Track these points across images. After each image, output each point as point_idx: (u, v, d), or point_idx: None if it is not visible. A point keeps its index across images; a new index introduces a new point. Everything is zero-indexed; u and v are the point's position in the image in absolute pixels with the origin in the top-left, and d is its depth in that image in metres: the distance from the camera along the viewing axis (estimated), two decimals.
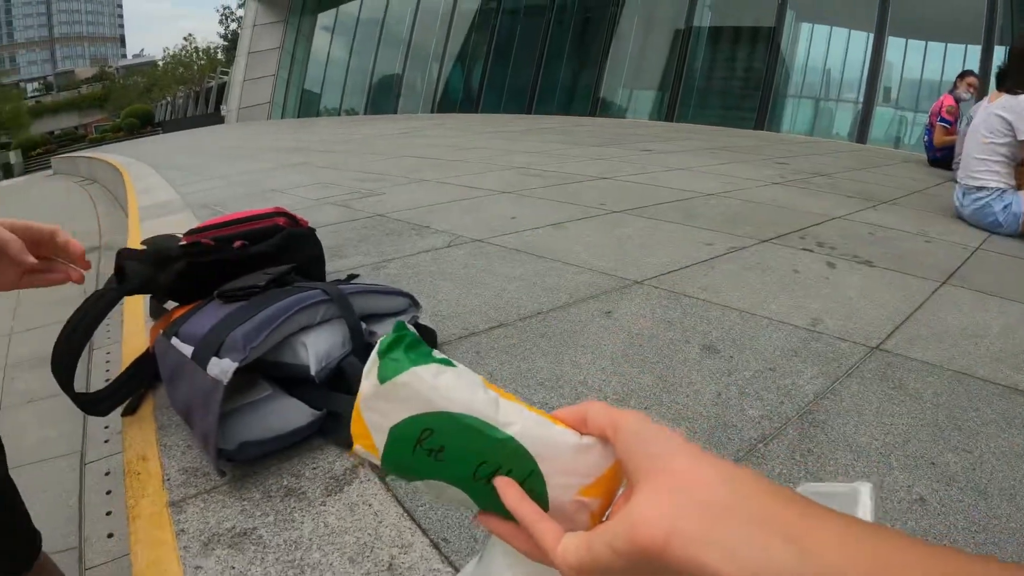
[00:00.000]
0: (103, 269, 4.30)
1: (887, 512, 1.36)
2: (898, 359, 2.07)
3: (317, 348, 1.62)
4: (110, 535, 2.79)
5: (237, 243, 2.12)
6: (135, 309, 2.67)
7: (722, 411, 1.74)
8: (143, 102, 66.79)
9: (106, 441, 3.58)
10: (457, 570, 1.18)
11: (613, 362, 2.00)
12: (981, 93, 6.76)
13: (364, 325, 1.77)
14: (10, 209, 14.95)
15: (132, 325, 2.55)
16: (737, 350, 2.09)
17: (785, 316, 2.35)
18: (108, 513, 2.95)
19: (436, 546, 1.24)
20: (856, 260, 3.02)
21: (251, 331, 1.52)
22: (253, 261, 2.02)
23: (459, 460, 0.56)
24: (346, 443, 1.53)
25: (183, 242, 2.08)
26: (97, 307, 1.72)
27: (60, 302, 2.70)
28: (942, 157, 6.58)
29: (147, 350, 1.87)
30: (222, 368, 1.43)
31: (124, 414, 1.80)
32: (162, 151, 12.56)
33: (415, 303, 2.01)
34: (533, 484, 0.55)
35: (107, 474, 3.25)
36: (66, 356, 1.64)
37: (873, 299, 2.55)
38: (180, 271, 1.90)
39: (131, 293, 1.90)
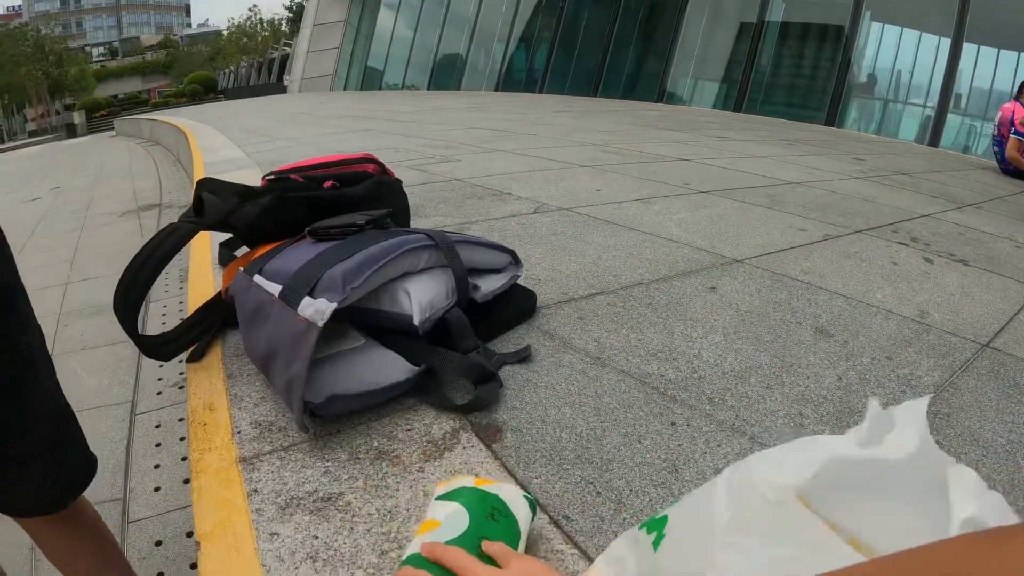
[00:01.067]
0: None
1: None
2: (1009, 358, 1.94)
3: (421, 297, 1.48)
4: (156, 489, 2.74)
5: (327, 183, 2.02)
6: (202, 258, 2.59)
7: (845, 396, 1.62)
8: (206, 70, 67.47)
9: (159, 393, 3.56)
10: (582, 550, 1.04)
11: (726, 338, 1.87)
12: None
13: (468, 279, 1.65)
14: (75, 167, 15.19)
15: (199, 271, 2.46)
16: (851, 335, 1.96)
17: (892, 306, 2.23)
18: (156, 467, 2.91)
19: (557, 524, 1.10)
20: (952, 258, 2.89)
21: (352, 270, 1.38)
22: (345, 203, 1.90)
23: None
24: (445, 404, 1.41)
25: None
26: (170, 240, 1.59)
27: (119, 254, 2.65)
28: (1014, 170, 6.36)
29: (218, 294, 1.74)
30: (317, 308, 1.27)
31: (190, 360, 1.66)
32: (226, 115, 12.62)
33: (517, 260, 1.88)
34: None
35: (157, 427, 3.22)
36: (132, 292, 1.53)
37: (974, 297, 2.42)
38: (266, 206, 1.75)
39: (210, 228, 1.79)
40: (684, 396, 1.55)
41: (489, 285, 1.74)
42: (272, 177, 1.97)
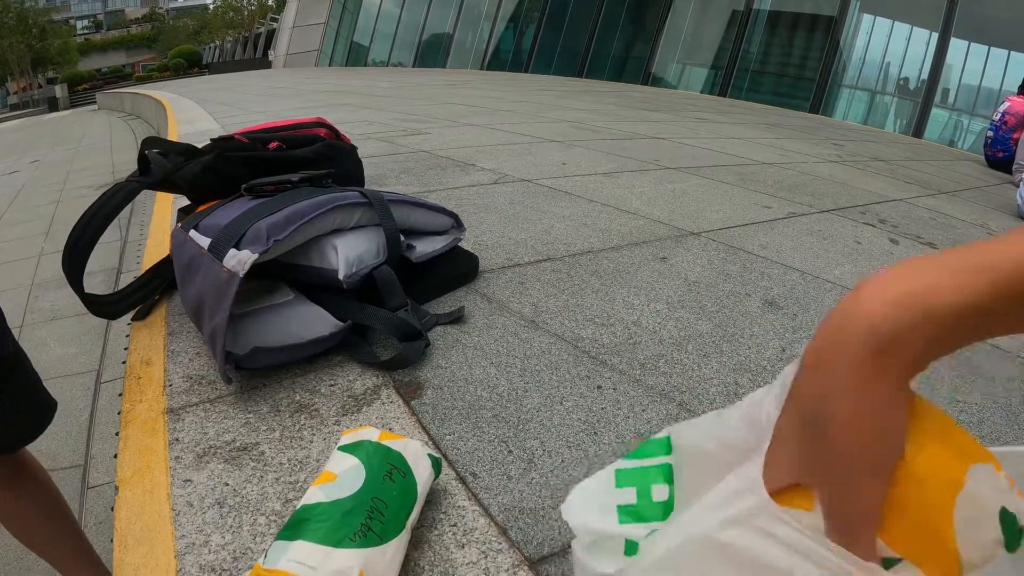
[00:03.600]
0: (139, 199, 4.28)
1: None
2: None
3: (348, 252, 1.47)
4: (116, 455, 2.73)
5: (273, 144, 1.99)
6: (163, 223, 2.57)
7: (786, 366, 1.59)
8: (191, 44, 67.09)
9: (123, 362, 3.53)
10: (485, 508, 1.03)
11: (669, 306, 1.84)
12: None
13: (402, 238, 1.62)
14: (55, 140, 15.13)
15: (156, 237, 2.45)
16: (801, 308, 1.93)
17: (849, 283, 2.19)
18: (116, 433, 2.88)
19: (463, 480, 1.10)
20: (919, 240, 2.86)
21: (278, 223, 1.37)
22: (289, 165, 1.88)
23: None
24: (369, 360, 1.40)
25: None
26: (114, 200, 1.60)
27: None
28: (1003, 160, 6.37)
29: (167, 255, 1.72)
30: (240, 259, 1.27)
31: (135, 319, 1.67)
32: (207, 89, 12.58)
33: (459, 224, 1.86)
34: None
35: (120, 395, 3.19)
36: (77, 250, 1.54)
37: None
38: (207, 164, 1.75)
39: (152, 187, 1.78)
40: (615, 361, 1.52)
41: (426, 247, 1.73)
42: (216, 138, 1.95)
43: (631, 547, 0.64)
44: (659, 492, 0.66)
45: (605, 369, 1.48)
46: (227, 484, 1.05)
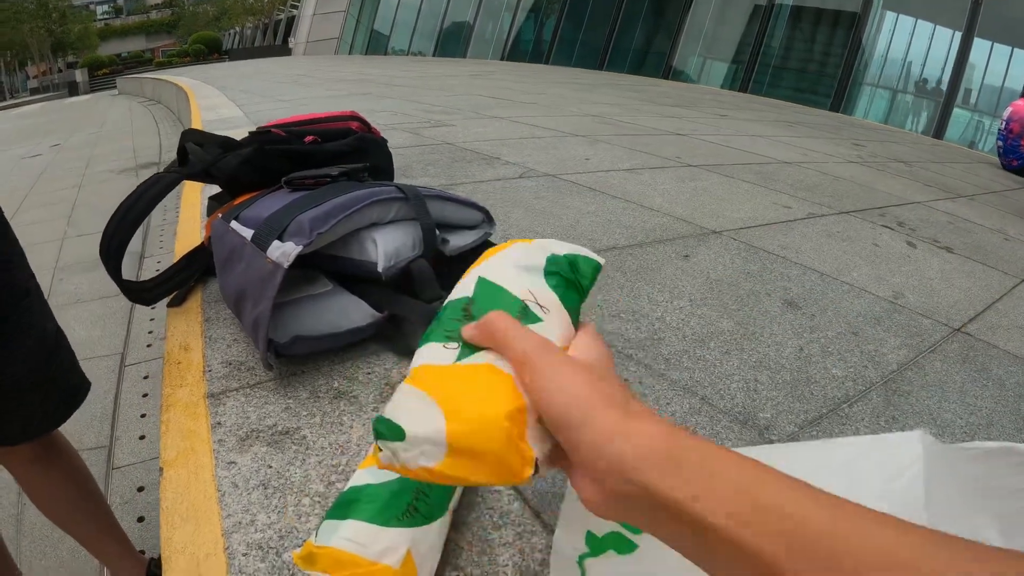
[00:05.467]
0: None
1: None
2: (980, 344, 1.96)
3: (387, 246, 1.50)
4: (142, 437, 2.80)
5: (308, 138, 2.04)
6: (192, 211, 2.61)
7: (804, 366, 1.64)
8: (211, 30, 66.85)
9: (148, 345, 3.60)
10: (519, 492, 1.09)
11: (692, 303, 1.89)
12: None
13: (437, 232, 1.67)
14: (76, 125, 15.14)
15: (187, 225, 2.48)
16: (819, 310, 1.98)
17: (866, 285, 2.23)
18: (142, 416, 2.95)
19: None
20: (936, 244, 2.89)
21: (320, 216, 1.40)
22: (325, 158, 1.92)
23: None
24: (405, 351, 1.45)
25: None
26: (154, 190, 1.62)
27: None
28: (1019, 168, 6.33)
29: (201, 243, 1.77)
30: (284, 251, 1.30)
31: (171, 305, 1.70)
32: (229, 76, 12.56)
33: (489, 219, 1.89)
34: None
35: (145, 378, 3.26)
36: (116, 239, 1.56)
37: (954, 283, 2.43)
38: (246, 157, 1.77)
39: (191, 178, 1.80)
40: (640, 355, 1.57)
41: (459, 240, 1.76)
42: (255, 131, 2.00)
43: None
44: None
45: (631, 363, 1.53)
46: (270, 466, 1.09)
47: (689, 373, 1.53)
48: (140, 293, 1.67)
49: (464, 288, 0.72)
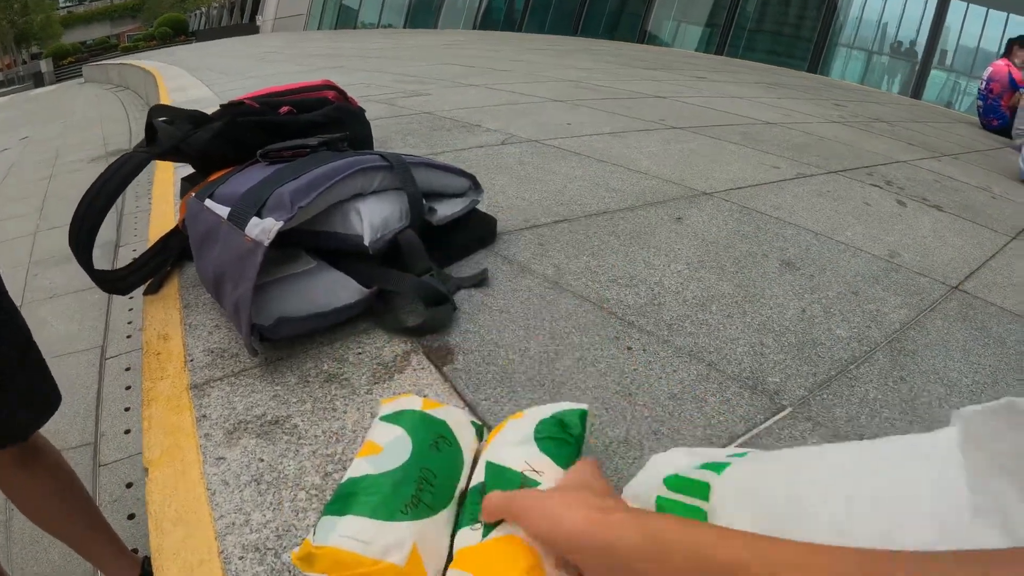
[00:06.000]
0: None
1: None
2: (978, 302, 1.93)
3: (373, 217, 1.44)
4: (127, 431, 2.76)
5: (283, 109, 1.96)
6: (165, 194, 2.54)
7: (808, 328, 1.60)
8: (177, 11, 65.89)
9: (128, 337, 3.55)
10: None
11: (689, 267, 1.84)
12: None
13: (424, 201, 1.61)
14: (43, 116, 14.97)
15: (160, 208, 2.41)
16: (817, 270, 1.93)
17: (862, 244, 2.20)
18: (126, 409, 2.91)
19: None
20: (925, 203, 2.86)
21: (301, 188, 1.33)
22: (301, 129, 1.85)
23: None
24: (397, 327, 1.38)
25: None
26: (122, 172, 1.53)
27: None
28: (998, 127, 6.36)
29: (176, 226, 1.68)
30: (263, 227, 1.23)
31: (147, 293, 1.62)
32: (196, 56, 12.37)
33: (477, 186, 1.84)
34: None
35: (127, 370, 3.22)
36: (85, 227, 1.48)
37: (946, 241, 2.40)
38: (218, 131, 1.70)
39: (162, 157, 1.72)
40: (642, 322, 1.52)
41: (447, 209, 1.71)
42: (226, 104, 1.92)
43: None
44: None
45: (633, 330, 1.48)
46: (262, 460, 1.03)
47: (693, 338, 1.48)
48: (114, 283, 1.60)
49: (479, 474, 0.89)
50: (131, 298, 3.58)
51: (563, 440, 0.91)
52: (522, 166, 2.65)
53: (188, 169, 1.89)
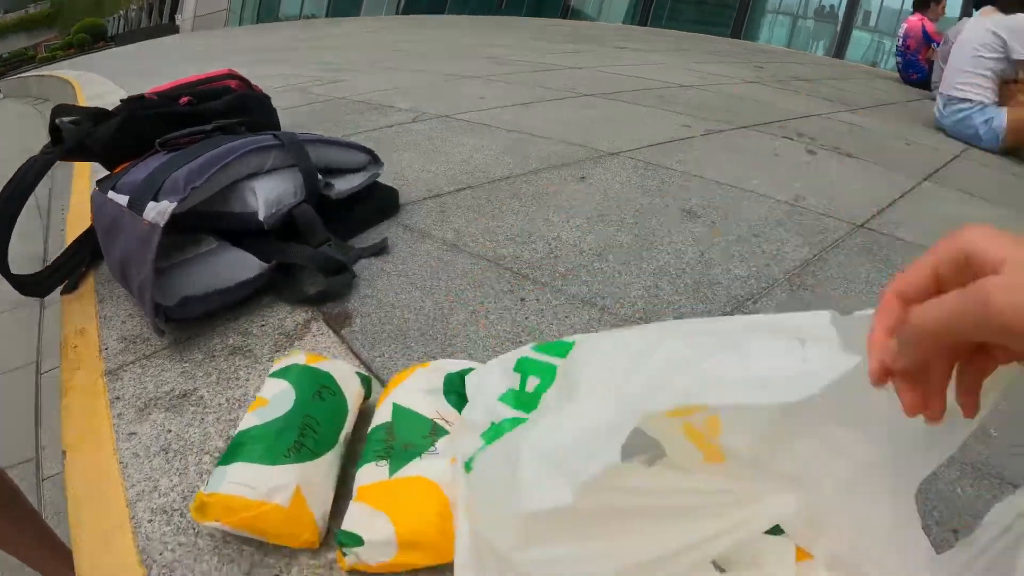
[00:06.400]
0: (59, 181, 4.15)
1: None
2: (884, 238, 2.00)
3: (267, 194, 1.48)
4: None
5: (183, 100, 1.96)
6: (83, 198, 2.51)
7: (706, 269, 1.65)
8: (94, 17, 64.40)
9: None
10: None
11: (588, 221, 1.88)
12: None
13: (320, 176, 1.63)
14: None
15: (78, 211, 2.39)
16: (719, 216, 1.99)
17: (767, 191, 2.26)
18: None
19: None
20: (837, 151, 2.93)
21: (194, 170, 1.37)
22: (201, 118, 1.86)
23: None
24: (298, 298, 1.42)
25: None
26: (29, 176, 1.57)
27: None
28: (917, 80, 6.49)
29: (90, 226, 1.70)
30: (159, 210, 1.27)
31: (64, 292, 1.65)
32: (116, 61, 12.11)
33: (376, 160, 1.87)
34: None
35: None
36: None
37: (855, 185, 2.47)
38: (118, 125, 1.71)
39: (67, 156, 1.74)
40: (537, 274, 1.56)
41: (345, 184, 1.74)
42: (126, 98, 1.92)
43: (492, 432, 0.81)
44: (531, 384, 0.87)
45: (527, 282, 1.52)
46: (170, 431, 1.08)
47: (587, 286, 1.52)
48: (32, 286, 1.62)
49: (383, 415, 0.94)
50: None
51: (467, 396, 0.96)
52: (430, 141, 2.67)
53: (104, 171, 1.89)
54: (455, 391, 0.98)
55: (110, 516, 0.94)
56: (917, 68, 6.54)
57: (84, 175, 2.77)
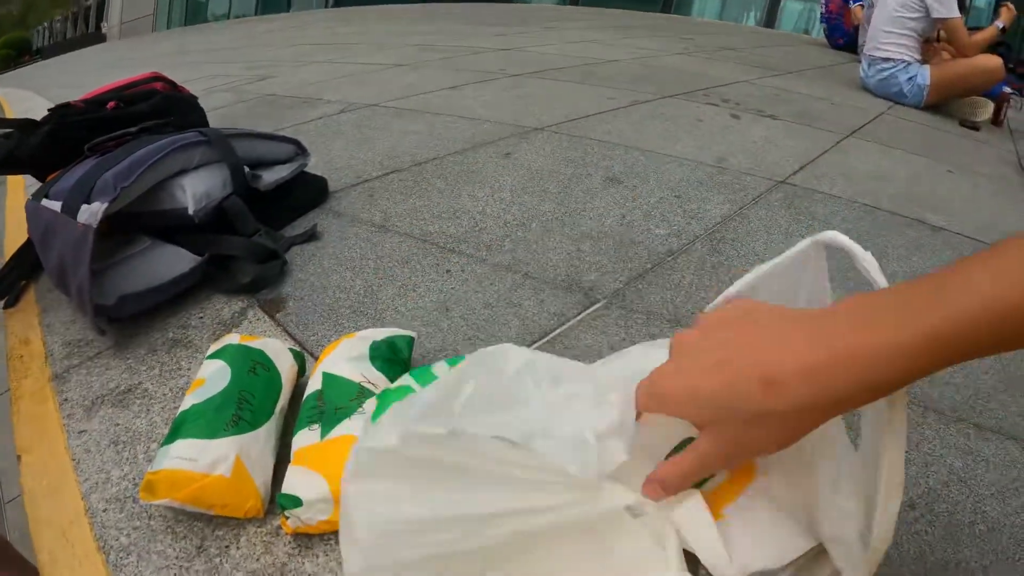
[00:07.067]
0: None
1: None
2: (805, 191, 2.08)
3: (195, 189, 1.52)
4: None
5: (110, 105, 1.98)
6: (18, 214, 2.50)
7: (627, 231, 1.72)
8: (19, 31, 62.65)
9: None
10: None
11: (512, 194, 1.94)
12: None
13: (248, 169, 1.67)
14: None
15: (14, 226, 2.39)
16: (640, 181, 2.05)
17: (689, 155, 2.33)
18: None
19: None
20: (761, 114, 3.00)
21: (122, 171, 1.40)
22: (129, 121, 1.87)
23: None
24: (234, 288, 1.47)
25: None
26: None
27: None
28: (843, 45, 6.56)
29: (27, 238, 1.72)
30: (91, 211, 1.31)
31: (5, 307, 1.66)
32: (43, 75, 11.86)
33: (303, 150, 1.91)
34: None
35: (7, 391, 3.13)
36: None
37: (778, 144, 2.54)
38: (47, 134, 1.74)
39: None
40: (462, 247, 1.63)
41: (273, 175, 1.78)
42: (53, 108, 1.93)
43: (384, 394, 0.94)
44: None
45: (453, 255, 1.58)
46: (118, 424, 1.12)
47: (511, 254, 1.59)
48: None
49: (314, 383, 1.00)
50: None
51: (393, 360, 1.05)
52: (358, 129, 2.70)
53: (38, 184, 1.90)
54: (380, 356, 1.04)
55: (67, 510, 0.98)
56: (842, 32, 6.61)
57: (19, 191, 2.75)
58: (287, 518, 0.85)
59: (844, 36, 6.52)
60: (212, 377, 0.99)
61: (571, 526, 0.56)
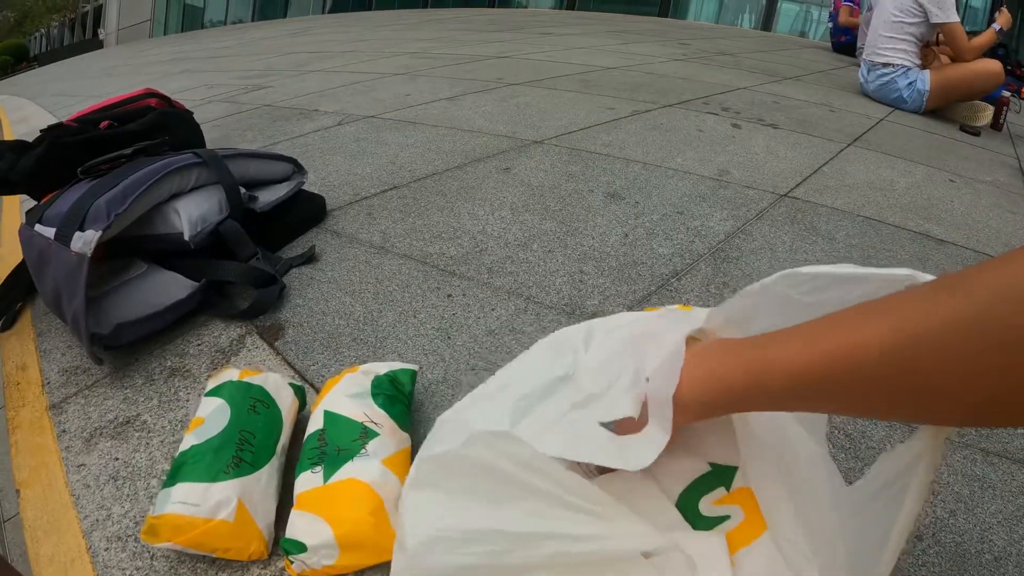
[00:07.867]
0: None
1: None
2: (808, 205, 2.06)
3: (190, 213, 1.49)
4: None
5: (104, 124, 1.95)
6: (14, 232, 2.48)
7: (630, 250, 1.69)
8: (15, 38, 62.55)
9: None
10: None
11: (513, 212, 1.92)
12: None
13: (244, 190, 1.64)
14: None
15: (10, 247, 2.36)
16: (643, 196, 2.03)
17: (691, 168, 2.30)
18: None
19: None
20: (761, 123, 2.99)
21: (116, 197, 1.38)
22: (124, 140, 1.85)
23: None
24: (232, 313, 1.44)
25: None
26: None
27: None
28: (846, 43, 6.58)
29: (22, 260, 1.70)
30: (85, 240, 1.28)
31: (1, 331, 1.64)
32: (39, 82, 11.85)
33: (300, 169, 1.88)
34: None
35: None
36: None
37: (779, 155, 2.53)
38: (40, 156, 1.71)
39: None
40: (463, 270, 1.60)
41: (269, 196, 1.75)
42: (45, 128, 1.91)
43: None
44: None
45: (454, 278, 1.56)
46: (117, 459, 1.10)
47: (513, 277, 1.56)
48: None
49: (316, 422, 0.98)
50: None
51: (396, 397, 1.03)
52: (356, 143, 2.68)
53: (33, 202, 1.87)
54: (383, 393, 1.02)
55: (68, 549, 0.96)
56: (846, 30, 6.65)
57: (14, 209, 2.73)
58: (292, 562, 0.85)
59: (847, 35, 6.55)
60: (211, 416, 0.98)
61: (608, 559, 0.62)
